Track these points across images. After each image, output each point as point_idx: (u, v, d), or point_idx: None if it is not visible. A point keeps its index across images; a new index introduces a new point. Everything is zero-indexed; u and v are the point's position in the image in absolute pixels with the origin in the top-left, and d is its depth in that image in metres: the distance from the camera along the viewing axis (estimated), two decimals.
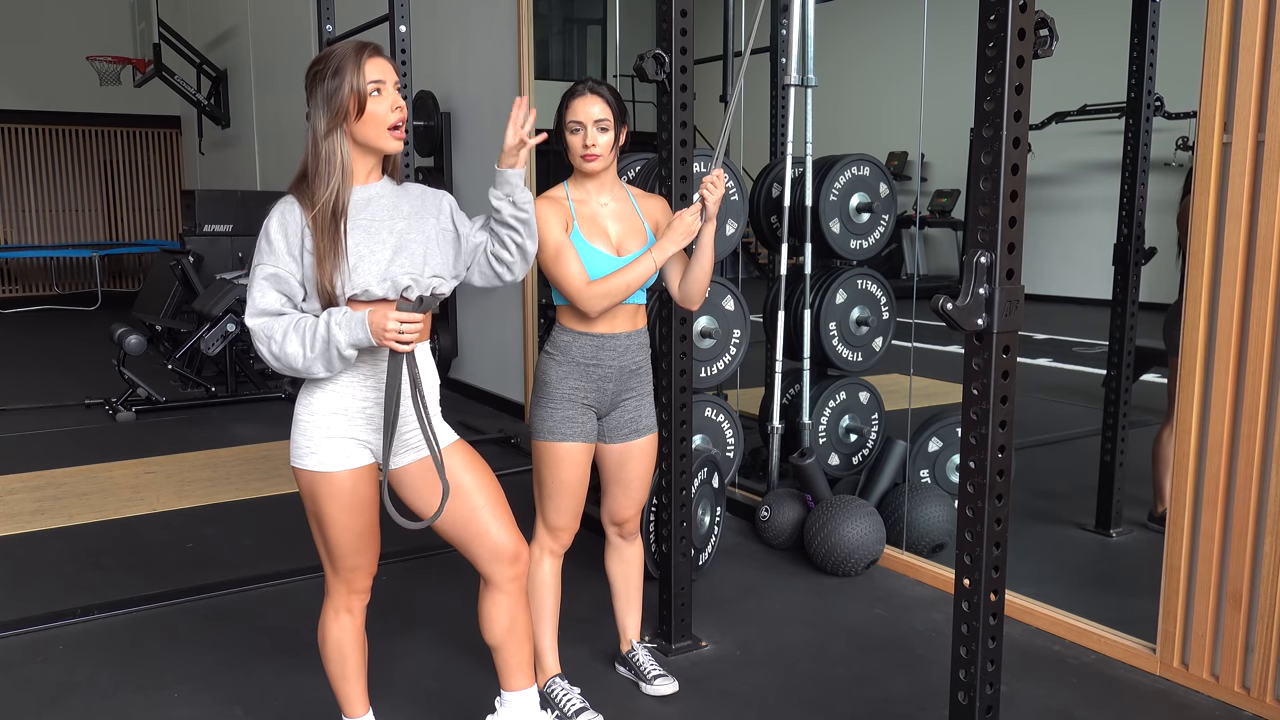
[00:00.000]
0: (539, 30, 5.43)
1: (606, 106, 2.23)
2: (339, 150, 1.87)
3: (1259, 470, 2.38)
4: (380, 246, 1.88)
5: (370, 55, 1.87)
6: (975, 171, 1.75)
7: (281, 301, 1.85)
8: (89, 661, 2.75)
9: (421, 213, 1.96)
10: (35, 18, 11.78)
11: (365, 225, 1.89)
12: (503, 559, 2.01)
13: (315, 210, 1.85)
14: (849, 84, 7.85)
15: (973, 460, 1.85)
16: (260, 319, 1.84)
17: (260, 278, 1.85)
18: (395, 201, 1.95)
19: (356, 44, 1.89)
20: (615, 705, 2.47)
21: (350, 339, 1.79)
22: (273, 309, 1.84)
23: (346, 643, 2.06)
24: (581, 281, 2.21)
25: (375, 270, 1.86)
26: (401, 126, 1.89)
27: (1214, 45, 2.37)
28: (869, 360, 3.91)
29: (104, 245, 12.17)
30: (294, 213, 1.87)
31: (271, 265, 1.84)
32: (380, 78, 1.86)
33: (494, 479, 2.04)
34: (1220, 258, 2.41)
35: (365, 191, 1.93)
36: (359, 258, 1.86)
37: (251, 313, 1.85)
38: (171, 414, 5.92)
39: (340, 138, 1.87)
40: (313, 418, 1.91)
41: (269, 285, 1.85)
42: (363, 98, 1.84)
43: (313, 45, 6.75)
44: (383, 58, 1.90)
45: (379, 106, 1.86)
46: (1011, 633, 2.72)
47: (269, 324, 1.83)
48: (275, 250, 1.85)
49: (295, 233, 1.85)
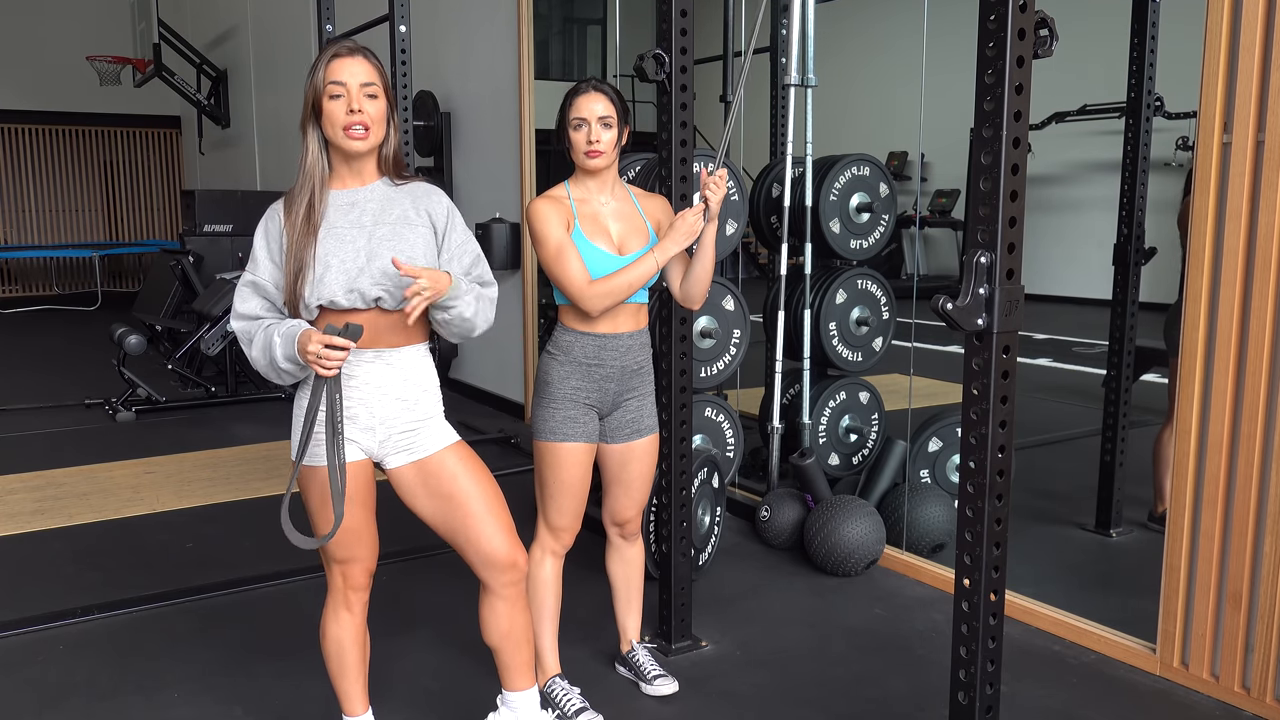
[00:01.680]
0: (539, 30, 5.43)
1: (610, 104, 2.23)
2: (310, 149, 1.91)
3: (1259, 470, 2.38)
4: (351, 254, 1.87)
5: (339, 55, 1.87)
6: (975, 171, 1.75)
7: (264, 307, 1.91)
8: (89, 661, 2.75)
9: (412, 218, 1.93)
10: (35, 18, 11.78)
11: (341, 232, 1.89)
12: (498, 565, 1.99)
13: (291, 214, 1.88)
14: (849, 84, 7.85)
15: (973, 460, 1.85)
16: (241, 323, 1.92)
17: (241, 284, 1.93)
18: (384, 206, 1.93)
19: (332, 45, 1.91)
20: (615, 705, 2.47)
21: (285, 353, 1.83)
22: (253, 314, 1.91)
23: (346, 641, 2.06)
24: (583, 281, 2.21)
25: (342, 280, 1.86)
26: (365, 129, 1.87)
27: (1214, 45, 2.37)
28: (869, 360, 3.91)
29: (104, 245, 12.17)
30: (275, 219, 1.92)
31: (252, 273, 1.92)
32: (343, 79, 1.86)
33: (493, 483, 2.02)
34: (1220, 258, 2.41)
35: (352, 195, 1.93)
36: (326, 266, 1.86)
37: (235, 316, 1.93)
38: (171, 414, 5.92)
39: (314, 137, 1.90)
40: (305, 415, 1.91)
41: (250, 292, 1.92)
42: (319, 98, 1.87)
43: (313, 45, 6.75)
44: (355, 58, 1.88)
45: (335, 108, 1.86)
46: (1011, 633, 2.72)
47: (248, 328, 1.91)
48: (257, 258, 1.92)
49: (275, 238, 1.91)
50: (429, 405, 1.98)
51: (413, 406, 1.95)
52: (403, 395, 1.94)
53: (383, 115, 1.91)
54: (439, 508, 1.97)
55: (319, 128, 1.90)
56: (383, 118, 1.91)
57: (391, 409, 1.93)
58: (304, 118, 1.90)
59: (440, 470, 1.96)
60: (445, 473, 1.96)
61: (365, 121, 1.87)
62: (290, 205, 1.90)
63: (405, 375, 1.94)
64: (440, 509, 1.97)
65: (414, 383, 1.96)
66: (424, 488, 1.97)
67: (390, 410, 1.93)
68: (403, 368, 1.94)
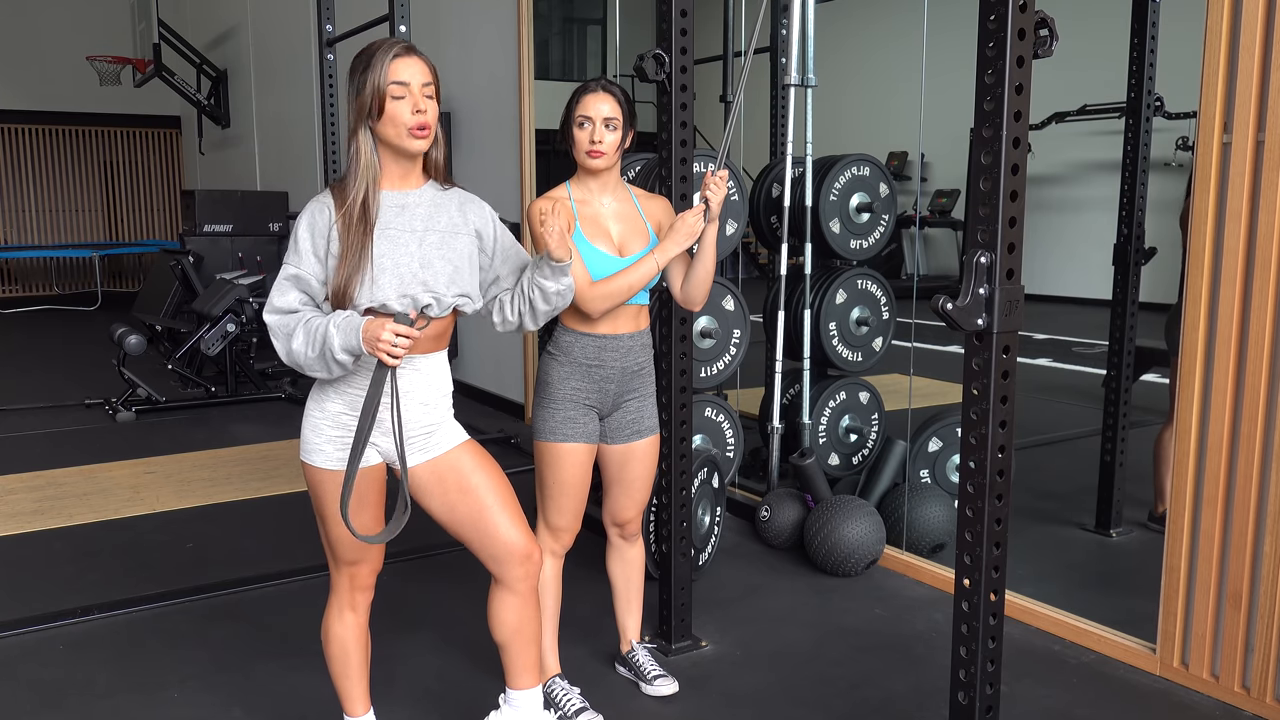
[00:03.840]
0: (539, 30, 5.43)
1: (617, 105, 2.23)
2: (364, 149, 1.85)
3: (1259, 470, 2.38)
4: (406, 259, 1.85)
5: (399, 55, 1.83)
6: (975, 171, 1.75)
7: (301, 300, 1.85)
8: (89, 661, 2.75)
9: (459, 227, 1.93)
10: (35, 18, 11.77)
11: (394, 235, 1.86)
12: (513, 559, 2.00)
13: (344, 209, 1.83)
14: (849, 84, 7.85)
15: (973, 460, 1.85)
16: (276, 316, 1.85)
17: (282, 277, 1.85)
18: (432, 212, 1.92)
19: (390, 42, 1.86)
20: (615, 705, 2.48)
21: (344, 344, 1.78)
22: (290, 308, 1.84)
23: (349, 641, 2.07)
24: (583, 282, 2.21)
25: (396, 284, 1.84)
26: (428, 129, 1.85)
27: (1214, 45, 2.37)
28: (869, 360, 3.91)
29: (104, 245, 12.17)
30: (324, 212, 1.85)
31: (294, 266, 1.84)
32: (405, 79, 1.82)
33: (504, 478, 2.03)
34: (1220, 258, 2.41)
35: (402, 198, 1.91)
36: (381, 269, 1.83)
37: (269, 309, 1.85)
38: (171, 414, 5.92)
39: (366, 136, 1.85)
40: (324, 415, 1.91)
41: (290, 285, 1.85)
42: (383, 97, 1.82)
43: (313, 45, 6.75)
44: (416, 57, 1.85)
45: (399, 108, 1.82)
46: (1011, 633, 2.72)
47: (285, 320, 1.84)
48: (300, 251, 1.84)
49: (322, 234, 1.84)
50: (445, 408, 2.00)
51: (431, 410, 1.96)
52: (425, 400, 1.95)
53: (437, 117, 1.89)
54: (453, 504, 1.97)
55: (370, 127, 1.85)
56: (437, 119, 1.89)
57: (414, 413, 1.93)
58: (357, 117, 1.84)
59: (455, 466, 1.97)
60: (460, 469, 1.97)
61: (428, 122, 1.85)
62: (342, 200, 1.85)
63: (430, 381, 1.95)
64: (455, 505, 1.97)
65: (435, 388, 1.97)
66: (439, 485, 1.98)
67: (412, 414, 1.93)
68: (429, 373, 1.95)
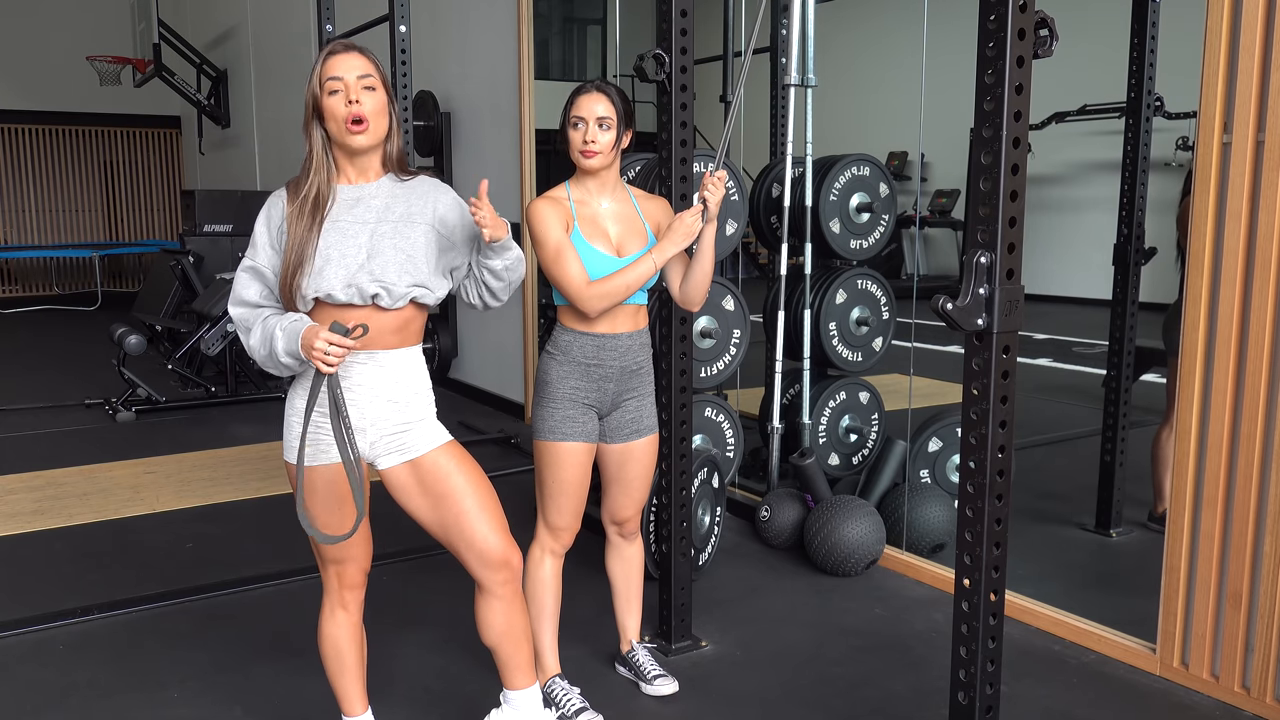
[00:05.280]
0: (539, 30, 5.43)
1: (611, 105, 2.23)
2: (315, 146, 1.91)
3: (1259, 470, 2.38)
4: (353, 249, 1.87)
5: (335, 52, 1.88)
6: (975, 171, 1.75)
7: (263, 294, 1.91)
8: (89, 661, 2.75)
9: (415, 216, 1.93)
10: (35, 18, 11.77)
11: (344, 227, 1.89)
12: (491, 564, 1.98)
13: (295, 202, 1.89)
14: (849, 84, 7.86)
15: (973, 460, 1.85)
16: (240, 309, 1.92)
17: (241, 269, 1.92)
18: (388, 202, 1.93)
19: (330, 43, 1.93)
20: (615, 705, 2.47)
21: (286, 347, 1.82)
22: (252, 300, 1.91)
23: (343, 640, 2.06)
24: (581, 282, 2.21)
25: (342, 274, 1.85)
26: (364, 121, 1.86)
27: (1214, 45, 2.37)
28: (869, 360, 3.91)
29: (104, 245, 12.17)
30: (278, 205, 1.93)
31: (251, 259, 1.92)
32: (339, 74, 1.86)
33: (486, 482, 2.01)
34: (1220, 258, 2.41)
35: (358, 191, 1.93)
36: (326, 259, 1.86)
37: (233, 301, 1.93)
38: (171, 414, 5.92)
39: (317, 133, 1.91)
40: (293, 412, 1.94)
41: (250, 278, 1.92)
42: (317, 98, 1.88)
43: (313, 45, 6.75)
44: (351, 53, 1.88)
45: (335, 103, 1.87)
46: (1011, 633, 2.72)
47: (247, 316, 1.91)
48: (257, 245, 1.92)
49: (276, 225, 1.91)
50: (420, 407, 1.97)
51: (403, 408, 1.94)
52: (393, 397, 1.93)
53: (383, 108, 1.90)
54: (432, 507, 1.96)
55: (322, 127, 1.91)
56: (383, 111, 1.90)
57: (382, 410, 1.92)
58: (306, 119, 1.91)
59: (433, 469, 1.96)
60: (438, 471, 1.95)
61: (362, 113, 1.86)
62: (295, 194, 1.90)
63: (396, 377, 1.94)
64: (433, 508, 1.96)
65: (405, 385, 1.95)
66: (417, 487, 1.96)
67: (381, 412, 1.92)
68: (394, 370, 1.93)
